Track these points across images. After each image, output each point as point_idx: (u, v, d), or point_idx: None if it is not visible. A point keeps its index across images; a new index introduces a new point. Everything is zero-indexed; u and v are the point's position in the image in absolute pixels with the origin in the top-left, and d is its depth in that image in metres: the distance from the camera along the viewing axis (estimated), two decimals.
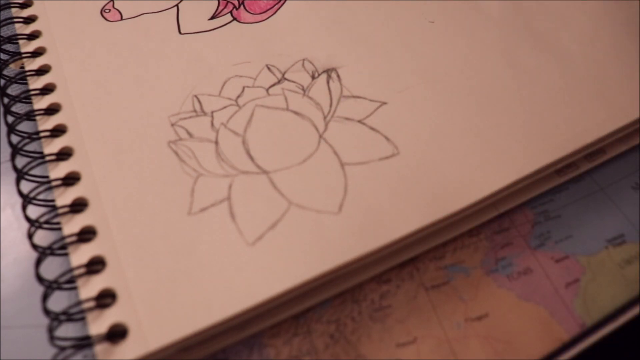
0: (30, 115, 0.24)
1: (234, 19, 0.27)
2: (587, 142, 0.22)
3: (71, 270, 0.20)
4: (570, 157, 0.22)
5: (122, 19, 0.27)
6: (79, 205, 0.21)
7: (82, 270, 0.20)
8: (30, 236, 0.20)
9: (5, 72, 0.25)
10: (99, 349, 0.18)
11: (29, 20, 0.27)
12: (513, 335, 0.20)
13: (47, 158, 0.22)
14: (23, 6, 0.28)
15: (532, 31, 0.26)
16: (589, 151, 0.23)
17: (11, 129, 0.23)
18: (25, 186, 0.22)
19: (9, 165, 0.23)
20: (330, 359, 0.19)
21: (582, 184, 0.23)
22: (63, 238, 0.20)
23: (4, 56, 0.26)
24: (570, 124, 0.22)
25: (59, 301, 0.19)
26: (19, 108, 0.24)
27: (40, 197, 0.22)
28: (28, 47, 0.26)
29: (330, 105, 0.23)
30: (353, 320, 0.20)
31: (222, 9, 0.28)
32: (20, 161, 0.22)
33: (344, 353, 0.20)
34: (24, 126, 0.24)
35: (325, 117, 0.23)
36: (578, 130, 0.22)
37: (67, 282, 0.20)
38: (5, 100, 0.24)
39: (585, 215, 0.22)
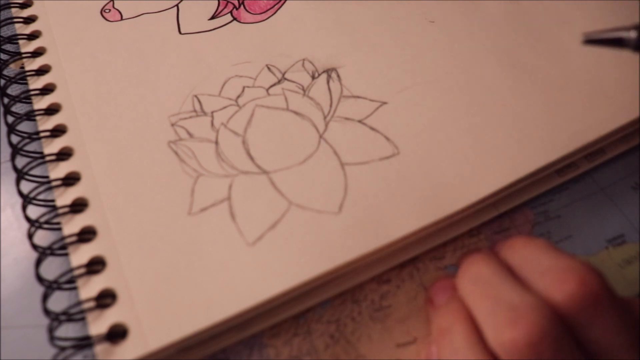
0: (30, 116, 0.24)
1: (234, 19, 0.27)
2: (587, 142, 0.22)
3: (71, 270, 0.20)
4: (570, 157, 0.22)
5: (122, 19, 0.27)
6: (79, 206, 0.21)
7: (82, 271, 0.20)
8: (30, 236, 0.20)
9: (5, 72, 0.25)
10: (99, 349, 0.18)
11: (29, 20, 0.27)
12: None
13: (47, 158, 0.22)
14: (23, 6, 0.28)
15: (532, 31, 0.26)
16: (589, 151, 0.23)
17: (11, 129, 0.23)
18: (25, 186, 0.22)
19: (9, 165, 0.23)
20: (330, 359, 0.19)
21: (582, 184, 0.23)
22: (63, 238, 0.20)
23: (4, 56, 0.26)
24: (570, 124, 0.22)
25: (59, 301, 0.19)
26: (19, 108, 0.24)
27: (40, 197, 0.22)
28: (28, 47, 0.26)
29: (331, 105, 0.23)
30: (353, 320, 0.20)
31: (222, 9, 0.28)
32: (20, 161, 0.22)
33: (344, 353, 0.20)
34: (24, 126, 0.24)
35: (325, 117, 0.23)
36: (578, 129, 0.22)
37: (67, 282, 0.20)
38: (5, 100, 0.24)
39: (585, 215, 0.22)
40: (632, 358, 0.15)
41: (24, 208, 0.21)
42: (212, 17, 0.27)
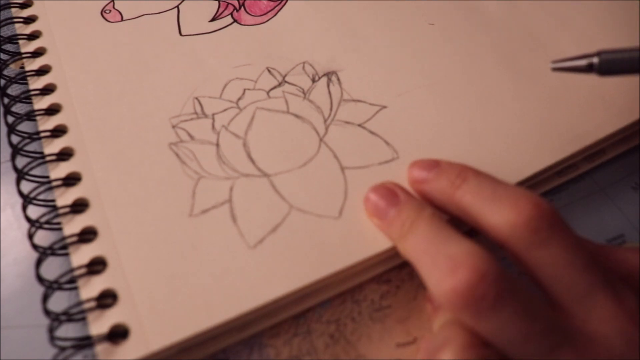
0: (30, 116, 0.24)
1: (235, 20, 0.27)
2: (587, 144, 0.22)
3: (72, 270, 0.20)
4: (570, 159, 0.22)
5: (122, 19, 0.27)
6: (79, 206, 0.21)
7: (82, 271, 0.20)
8: (30, 236, 0.20)
9: (5, 72, 0.25)
10: (100, 349, 0.18)
11: (29, 20, 0.27)
12: None
13: (48, 158, 0.22)
14: (23, 6, 0.28)
15: (531, 33, 0.26)
16: (588, 153, 0.23)
17: (11, 129, 0.23)
18: (26, 186, 0.22)
19: (9, 165, 0.23)
20: (330, 359, 0.20)
21: (582, 184, 0.24)
22: (64, 238, 0.20)
23: (4, 56, 0.26)
24: (570, 126, 0.23)
25: (59, 301, 0.19)
26: (19, 108, 0.24)
27: (41, 197, 0.22)
28: (28, 47, 0.26)
29: (331, 109, 0.24)
30: (353, 320, 0.20)
31: (223, 11, 0.28)
32: (21, 161, 0.22)
33: (344, 353, 0.20)
34: (25, 126, 0.24)
35: (325, 121, 0.23)
36: (578, 132, 0.22)
37: (68, 282, 0.20)
38: (6, 100, 0.24)
39: (585, 215, 0.23)
40: (582, 275, 0.17)
41: (24, 208, 0.21)
42: (213, 19, 0.27)
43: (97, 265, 0.20)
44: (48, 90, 0.25)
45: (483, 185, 0.18)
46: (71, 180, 0.22)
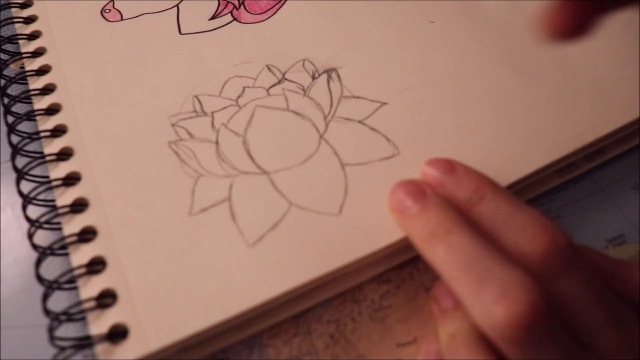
0: (30, 116, 0.24)
1: (234, 19, 0.27)
2: (587, 142, 0.22)
3: (71, 270, 0.20)
4: (570, 157, 0.22)
5: (122, 19, 0.27)
6: (79, 206, 0.21)
7: (82, 271, 0.20)
8: (30, 236, 0.21)
9: (5, 72, 0.25)
10: (100, 348, 0.18)
11: (29, 20, 0.27)
12: None
13: (48, 158, 0.22)
14: (23, 6, 0.28)
15: (532, 30, 0.26)
16: (589, 151, 0.23)
17: (11, 129, 0.23)
18: (26, 186, 0.22)
19: (9, 165, 0.23)
20: (330, 359, 0.19)
21: (582, 184, 0.23)
22: (63, 238, 0.20)
23: (4, 56, 0.26)
24: (570, 124, 0.22)
25: (59, 301, 0.19)
26: (19, 108, 0.24)
27: (41, 197, 0.22)
28: (28, 47, 0.26)
29: (331, 106, 0.23)
30: (353, 320, 0.20)
31: (223, 9, 0.28)
32: (21, 161, 0.22)
33: (344, 353, 0.20)
34: (24, 126, 0.24)
35: (325, 118, 0.23)
36: (578, 130, 0.22)
37: (68, 282, 0.20)
38: (6, 100, 0.24)
39: (585, 215, 0.23)
40: (592, 309, 0.16)
41: (24, 208, 0.21)
42: (213, 17, 0.27)
43: (96, 265, 0.20)
44: (48, 90, 0.25)
45: (500, 208, 0.18)
46: (71, 180, 0.22)
